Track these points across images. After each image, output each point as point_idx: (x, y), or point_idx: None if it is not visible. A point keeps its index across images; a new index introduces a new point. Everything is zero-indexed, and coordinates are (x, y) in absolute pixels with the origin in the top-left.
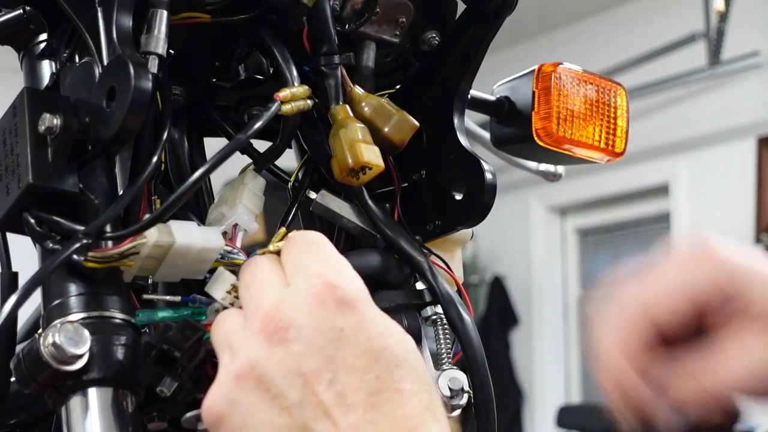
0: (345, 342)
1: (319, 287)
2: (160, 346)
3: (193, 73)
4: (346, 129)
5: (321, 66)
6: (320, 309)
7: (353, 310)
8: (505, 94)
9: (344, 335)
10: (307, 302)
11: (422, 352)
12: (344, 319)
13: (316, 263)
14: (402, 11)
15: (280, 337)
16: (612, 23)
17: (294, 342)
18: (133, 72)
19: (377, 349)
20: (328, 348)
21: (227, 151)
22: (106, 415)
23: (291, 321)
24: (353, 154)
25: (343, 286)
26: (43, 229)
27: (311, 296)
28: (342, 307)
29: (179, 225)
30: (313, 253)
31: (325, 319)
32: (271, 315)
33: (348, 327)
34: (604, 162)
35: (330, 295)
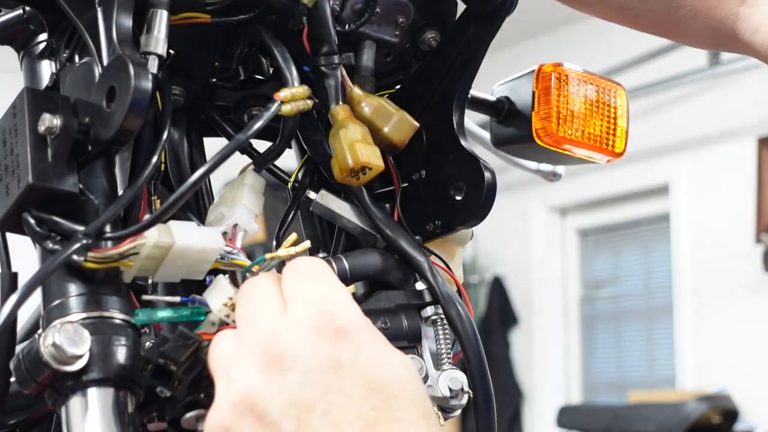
0: (341, 372)
1: (317, 316)
2: (156, 360)
3: (193, 73)
4: (346, 129)
5: (321, 66)
6: (317, 338)
7: (351, 339)
8: (505, 94)
9: (341, 365)
10: (304, 331)
11: (422, 353)
12: (341, 349)
13: (315, 291)
14: (402, 11)
15: (276, 365)
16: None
17: (290, 371)
18: (133, 72)
19: (375, 379)
20: (325, 378)
21: (227, 152)
22: (106, 415)
23: (287, 350)
24: (353, 154)
25: (341, 315)
26: (42, 230)
27: (309, 325)
28: (339, 337)
29: (179, 225)
30: (312, 281)
31: (321, 348)
32: (267, 343)
33: (345, 356)
34: (604, 162)
35: (327, 325)
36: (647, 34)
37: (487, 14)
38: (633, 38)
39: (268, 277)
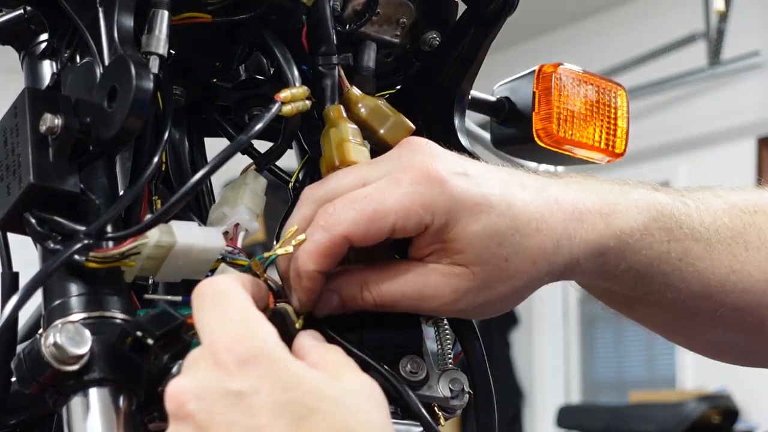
0: (244, 403)
1: (218, 350)
2: (133, 332)
3: (194, 74)
4: (336, 128)
5: (318, 66)
6: (218, 374)
7: (253, 367)
8: (506, 95)
9: (243, 396)
10: (206, 369)
11: (423, 353)
12: (243, 380)
13: (217, 322)
14: (403, 12)
15: (183, 412)
16: (612, 23)
17: (196, 414)
18: (134, 72)
19: (280, 403)
20: (228, 413)
21: (228, 152)
22: (106, 415)
23: (190, 393)
24: (340, 153)
25: (242, 344)
26: (44, 230)
27: (211, 362)
28: (242, 368)
29: (180, 225)
30: (215, 311)
31: (221, 383)
32: (174, 392)
33: (247, 387)
34: (605, 163)
35: (228, 357)
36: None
37: (487, 15)
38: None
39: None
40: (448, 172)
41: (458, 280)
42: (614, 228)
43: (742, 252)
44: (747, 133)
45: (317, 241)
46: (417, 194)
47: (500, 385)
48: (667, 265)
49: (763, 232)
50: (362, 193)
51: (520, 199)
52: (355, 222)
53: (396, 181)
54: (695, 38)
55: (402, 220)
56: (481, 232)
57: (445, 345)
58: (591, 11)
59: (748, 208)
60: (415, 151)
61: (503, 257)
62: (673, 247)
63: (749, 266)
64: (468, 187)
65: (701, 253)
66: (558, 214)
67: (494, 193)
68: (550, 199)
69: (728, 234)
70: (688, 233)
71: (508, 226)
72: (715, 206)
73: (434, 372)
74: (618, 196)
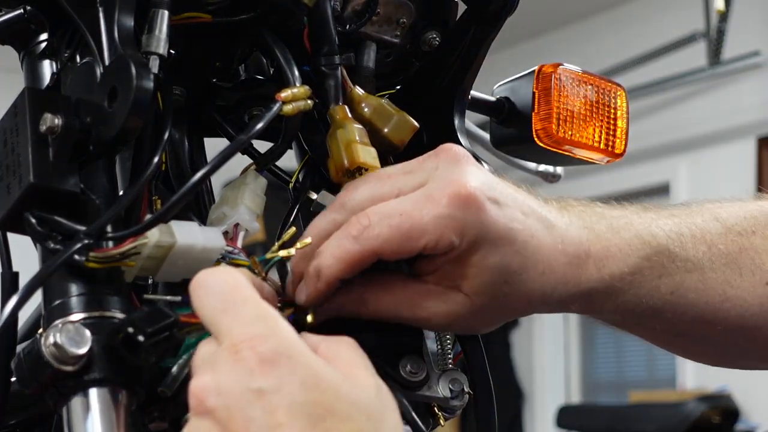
0: (265, 401)
1: (241, 348)
2: (125, 328)
3: (194, 74)
4: (343, 129)
5: (321, 66)
6: (240, 372)
7: (274, 366)
8: (505, 95)
9: (264, 394)
10: (228, 368)
11: (423, 353)
12: (265, 378)
13: (233, 319)
14: (403, 12)
15: (204, 408)
16: (612, 23)
17: (216, 410)
18: (134, 72)
19: (302, 402)
20: (249, 410)
21: (229, 152)
22: (106, 415)
23: (212, 389)
24: (349, 154)
25: (264, 342)
26: (44, 229)
27: (233, 360)
28: (263, 366)
29: (180, 225)
30: (229, 307)
31: (243, 381)
32: (196, 390)
33: (269, 385)
34: (604, 163)
35: (251, 355)
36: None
37: (487, 15)
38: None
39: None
40: (484, 196)
41: (455, 307)
42: (604, 273)
43: (736, 278)
44: (747, 133)
45: (348, 250)
46: (452, 218)
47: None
48: (658, 299)
49: (758, 255)
50: (398, 209)
51: (537, 238)
52: (389, 240)
53: (433, 200)
54: (695, 38)
55: (434, 243)
56: (495, 266)
57: (445, 345)
58: (591, 11)
59: (745, 229)
60: (453, 164)
61: (504, 293)
62: (665, 282)
63: (743, 292)
64: (497, 217)
65: (694, 285)
66: (561, 258)
67: (518, 228)
68: (557, 239)
69: (723, 261)
70: (680, 266)
71: (519, 265)
72: (712, 231)
73: (434, 372)
74: (614, 234)
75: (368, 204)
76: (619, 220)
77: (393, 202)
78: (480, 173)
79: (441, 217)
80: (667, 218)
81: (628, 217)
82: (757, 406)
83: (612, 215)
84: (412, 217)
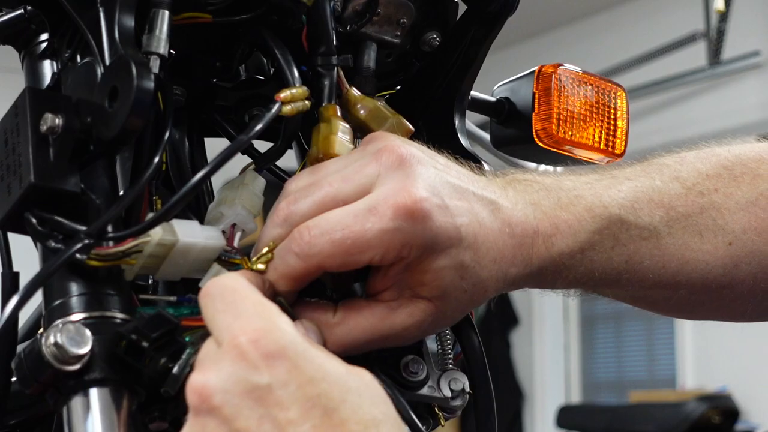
0: (272, 397)
1: (241, 344)
2: (129, 335)
3: (194, 74)
4: (327, 123)
5: (317, 66)
6: (243, 368)
7: (279, 360)
8: (506, 95)
9: (271, 390)
10: (230, 364)
11: (423, 353)
12: (270, 374)
13: (233, 318)
14: (403, 12)
15: (207, 406)
16: (612, 23)
17: (222, 408)
18: (135, 72)
19: (310, 396)
20: (256, 407)
21: (229, 153)
22: (107, 415)
23: (216, 387)
24: (324, 145)
25: (265, 337)
26: (44, 229)
27: (234, 357)
28: (267, 361)
29: (182, 224)
30: (229, 307)
31: (248, 377)
32: (197, 386)
33: (274, 381)
34: (604, 163)
35: (253, 351)
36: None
37: (488, 15)
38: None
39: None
40: (431, 204)
41: (422, 315)
42: (553, 251)
43: (696, 241)
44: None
45: (291, 266)
46: (398, 231)
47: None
48: (612, 270)
49: (720, 215)
50: (340, 223)
51: (484, 227)
52: (331, 255)
53: (377, 213)
54: (695, 38)
55: (379, 256)
56: (448, 266)
57: (445, 345)
58: (591, 11)
59: (708, 188)
60: (395, 169)
61: (463, 289)
62: (618, 252)
63: (704, 255)
64: (445, 221)
65: (650, 252)
66: (509, 241)
67: (465, 223)
68: (504, 223)
69: (681, 224)
70: (635, 234)
71: (471, 259)
72: (671, 193)
73: (434, 372)
74: (563, 209)
75: (310, 215)
76: (568, 194)
77: (334, 214)
78: (423, 175)
79: (386, 231)
80: (621, 183)
81: (579, 189)
82: (757, 406)
83: (561, 188)
84: (355, 231)
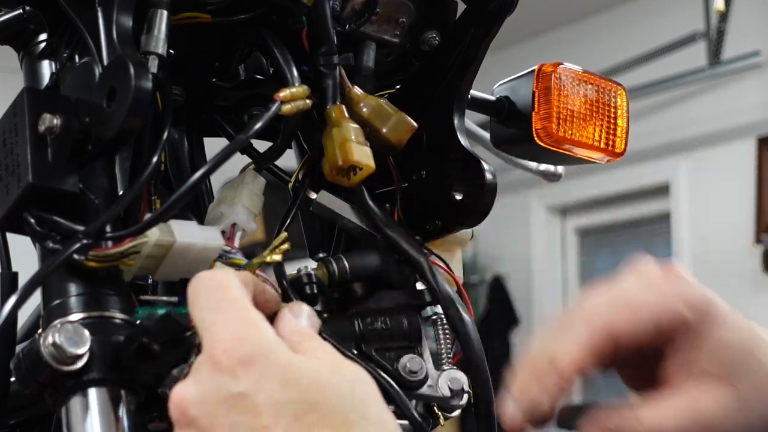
0: (246, 404)
1: (217, 353)
2: (139, 338)
3: (193, 74)
4: (339, 128)
5: (319, 66)
6: (218, 377)
7: (252, 367)
8: (505, 94)
9: (244, 396)
10: (207, 373)
11: (422, 353)
12: (244, 381)
13: (212, 321)
14: (402, 11)
15: (186, 419)
16: (612, 23)
17: (198, 419)
18: (133, 72)
19: (285, 400)
20: (232, 415)
21: (228, 152)
22: (106, 415)
23: (192, 398)
24: (343, 152)
25: (240, 344)
26: (43, 229)
27: (211, 366)
28: (241, 368)
29: (180, 224)
30: (213, 306)
31: (222, 386)
32: (176, 399)
33: (248, 387)
34: (604, 162)
35: (227, 359)
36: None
37: (487, 14)
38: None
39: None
40: None
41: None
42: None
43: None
44: (747, 133)
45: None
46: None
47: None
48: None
49: None
50: None
51: None
52: None
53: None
54: (695, 38)
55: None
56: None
57: (445, 345)
58: (591, 11)
59: None
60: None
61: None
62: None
63: None
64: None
65: None
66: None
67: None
68: None
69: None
70: None
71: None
72: None
73: (434, 372)
74: None
75: None
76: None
77: None
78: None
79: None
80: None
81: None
82: None
83: None
84: None
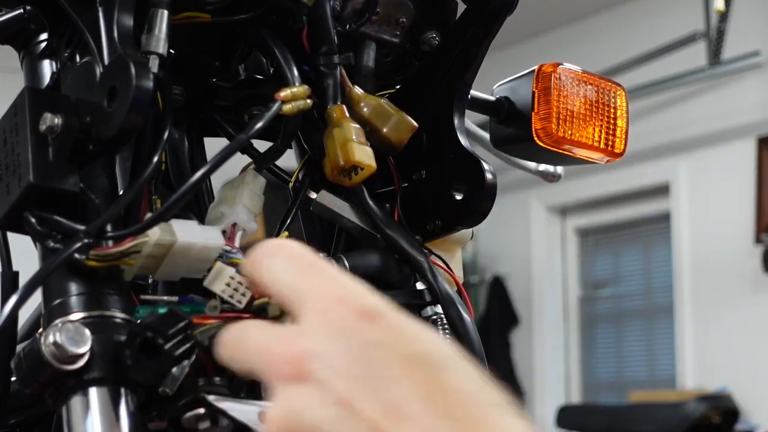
0: (377, 354)
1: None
2: (144, 333)
3: (194, 73)
4: (340, 128)
5: (320, 66)
6: (340, 331)
7: (376, 321)
8: (505, 95)
9: (372, 349)
10: (323, 327)
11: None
12: (370, 333)
13: (319, 283)
14: (402, 11)
15: (300, 374)
16: (612, 23)
17: (318, 371)
18: (134, 72)
19: (415, 354)
20: (358, 367)
21: (228, 151)
22: (106, 414)
23: (311, 350)
24: (344, 153)
25: (357, 298)
26: (43, 229)
27: (326, 321)
28: (363, 321)
29: (180, 224)
30: (308, 270)
31: (347, 338)
32: (288, 354)
33: (375, 339)
34: (604, 162)
35: (345, 312)
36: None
37: (487, 14)
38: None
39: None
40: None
41: None
42: None
43: None
44: (747, 133)
45: None
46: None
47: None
48: None
49: None
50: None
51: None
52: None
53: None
54: (695, 38)
55: None
56: None
57: None
58: (591, 11)
59: None
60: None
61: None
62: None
63: None
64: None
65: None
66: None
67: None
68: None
69: None
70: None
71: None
72: None
73: None
74: None
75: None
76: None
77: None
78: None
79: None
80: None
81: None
82: (757, 406)
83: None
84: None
